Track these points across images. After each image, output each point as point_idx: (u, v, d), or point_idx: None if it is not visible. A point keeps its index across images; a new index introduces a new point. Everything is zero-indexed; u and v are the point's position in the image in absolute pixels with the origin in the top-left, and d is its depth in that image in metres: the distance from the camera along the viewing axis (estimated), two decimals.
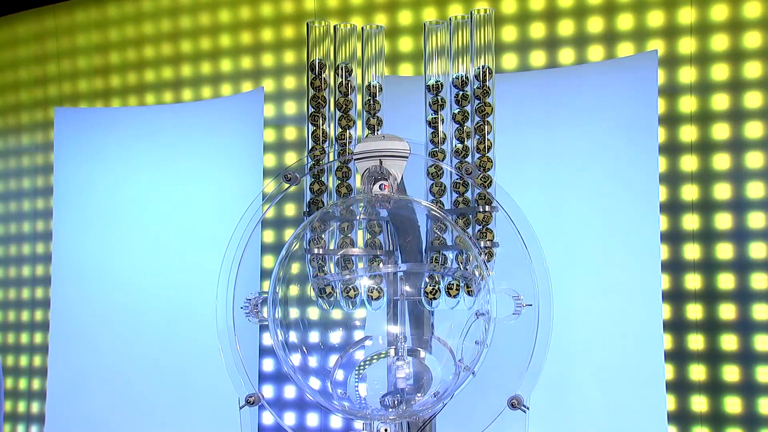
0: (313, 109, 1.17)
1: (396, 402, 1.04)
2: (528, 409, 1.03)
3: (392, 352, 1.11)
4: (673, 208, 1.52)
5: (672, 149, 1.53)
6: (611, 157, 1.48)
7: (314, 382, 1.09)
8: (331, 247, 1.14)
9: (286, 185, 1.14)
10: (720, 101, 1.51)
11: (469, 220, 1.12)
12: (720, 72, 1.51)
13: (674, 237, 1.52)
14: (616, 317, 1.46)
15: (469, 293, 1.08)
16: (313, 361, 1.13)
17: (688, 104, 1.53)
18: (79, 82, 2.02)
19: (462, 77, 1.14)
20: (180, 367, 1.74)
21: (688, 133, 1.52)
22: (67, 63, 2.03)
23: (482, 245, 1.09)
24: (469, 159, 1.13)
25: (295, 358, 1.11)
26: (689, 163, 1.52)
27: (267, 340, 1.69)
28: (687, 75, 1.53)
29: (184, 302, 1.74)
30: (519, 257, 1.05)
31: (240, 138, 1.75)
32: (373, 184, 1.07)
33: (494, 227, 1.11)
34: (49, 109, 2.02)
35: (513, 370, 1.05)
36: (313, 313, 1.15)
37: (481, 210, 1.10)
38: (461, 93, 1.14)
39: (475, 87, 1.13)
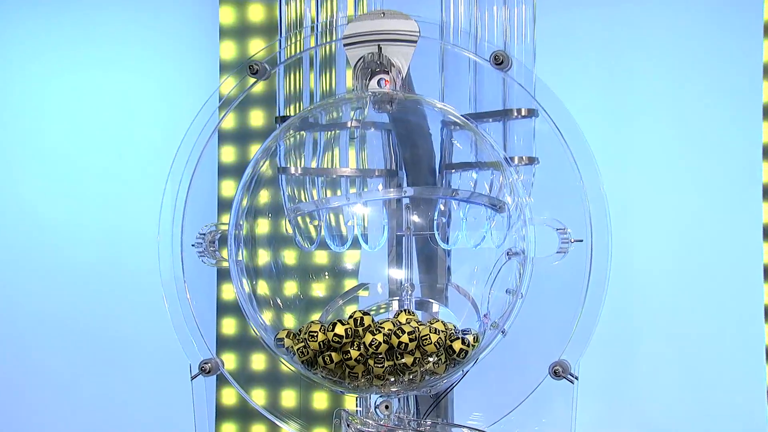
0: None
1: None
2: (576, 379, 1.04)
3: (395, 304, 1.12)
4: None
5: None
6: (695, 45, 1.48)
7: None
8: (313, 165, 1.14)
9: (252, 80, 1.14)
10: None
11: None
12: None
13: None
14: (698, 259, 1.49)
15: None
16: (290, 319, 1.14)
17: None
18: None
19: None
20: (113, 326, 1.77)
21: None
22: None
23: (517, 162, 1.09)
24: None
25: (267, 315, 1.12)
26: None
27: (228, 293, 1.70)
28: None
29: (116, 239, 1.77)
30: (566, 178, 1.05)
31: (188, 19, 1.75)
32: (370, 79, 1.07)
33: (533, 138, 1.10)
34: None
35: (557, 328, 1.06)
36: (289, 255, 1.16)
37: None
38: None
39: None
